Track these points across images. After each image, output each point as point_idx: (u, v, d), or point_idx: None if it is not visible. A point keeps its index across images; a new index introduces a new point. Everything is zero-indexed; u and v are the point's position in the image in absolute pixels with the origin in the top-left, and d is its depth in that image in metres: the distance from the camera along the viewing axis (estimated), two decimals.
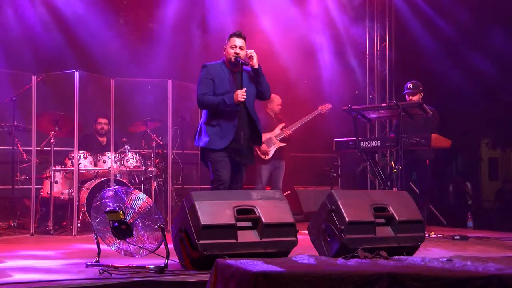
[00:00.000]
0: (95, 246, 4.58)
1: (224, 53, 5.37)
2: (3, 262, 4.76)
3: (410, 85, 7.40)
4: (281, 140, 7.73)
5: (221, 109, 5.18)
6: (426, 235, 5.92)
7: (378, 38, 10.09)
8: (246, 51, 5.28)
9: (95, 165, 7.51)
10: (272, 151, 7.66)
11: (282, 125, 7.81)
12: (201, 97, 5.23)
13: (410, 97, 7.37)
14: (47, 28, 9.28)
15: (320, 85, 10.16)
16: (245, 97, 5.14)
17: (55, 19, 9.30)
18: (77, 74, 7.01)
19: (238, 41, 5.29)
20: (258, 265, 3.47)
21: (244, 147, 5.18)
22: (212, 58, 5.50)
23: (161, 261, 4.34)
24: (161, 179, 7.89)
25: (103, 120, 8.14)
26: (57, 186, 7.40)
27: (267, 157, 7.61)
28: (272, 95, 7.81)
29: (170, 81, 7.50)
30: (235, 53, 5.26)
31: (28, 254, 5.30)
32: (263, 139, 7.63)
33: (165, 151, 7.93)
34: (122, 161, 7.59)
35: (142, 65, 9.41)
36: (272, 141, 7.68)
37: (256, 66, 5.26)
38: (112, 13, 9.60)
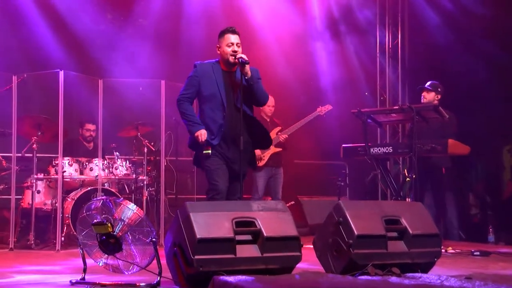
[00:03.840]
0: (80, 262, 4.58)
1: (218, 52, 5.35)
2: None
3: (428, 83, 7.42)
4: (276, 145, 7.72)
5: (187, 128, 5.30)
6: (443, 250, 5.90)
7: (390, 34, 10.08)
8: (240, 53, 5.23)
9: (81, 173, 7.51)
10: (266, 157, 7.66)
11: (278, 129, 7.81)
12: (180, 98, 5.32)
13: (424, 94, 7.38)
14: (30, 24, 9.30)
15: (325, 86, 10.16)
16: (201, 138, 5.16)
17: (39, 14, 9.32)
18: (61, 74, 7.02)
19: (234, 38, 5.28)
20: (258, 283, 3.46)
21: (243, 153, 5.17)
22: (210, 58, 5.48)
23: (153, 278, 4.33)
24: (153, 189, 7.89)
25: (92, 126, 8.15)
26: (39, 196, 7.40)
27: (260, 164, 7.58)
28: None
29: (163, 82, 7.51)
30: (233, 51, 5.24)
31: (6, 271, 5.28)
32: None
33: (157, 158, 7.93)
34: (110, 169, 7.59)
35: (133, 65, 9.43)
36: None
37: (249, 74, 5.20)
38: (99, 8, 9.63)
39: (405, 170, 7.38)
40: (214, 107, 5.23)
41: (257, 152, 7.54)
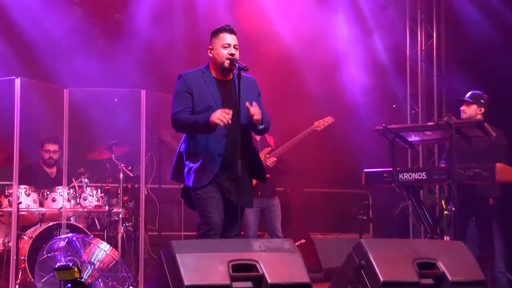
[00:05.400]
0: None
1: (210, 55, 5.34)
2: None
3: (469, 94, 7.42)
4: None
5: (201, 131, 5.18)
6: None
7: (423, 33, 10.14)
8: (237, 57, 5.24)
9: (41, 204, 7.50)
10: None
11: (267, 150, 7.74)
12: (174, 116, 5.23)
13: (464, 108, 7.38)
14: None
15: (344, 97, 10.19)
16: (225, 120, 4.98)
17: None
18: (18, 81, 7.03)
19: (231, 38, 5.27)
20: None
21: (241, 183, 5.16)
22: (201, 62, 5.49)
23: None
24: (130, 224, 7.87)
25: (52, 147, 8.16)
26: None
27: None
28: None
29: (143, 92, 7.53)
30: (230, 54, 5.24)
31: None
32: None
33: (136, 185, 7.92)
34: (77, 200, 7.58)
35: (107, 70, 9.46)
36: None
37: (262, 125, 5.21)
38: (67, 1, 9.69)
39: (443, 201, 7.36)
40: None
41: None
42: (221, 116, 4.99)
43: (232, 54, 5.22)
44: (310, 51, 9.87)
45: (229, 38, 5.26)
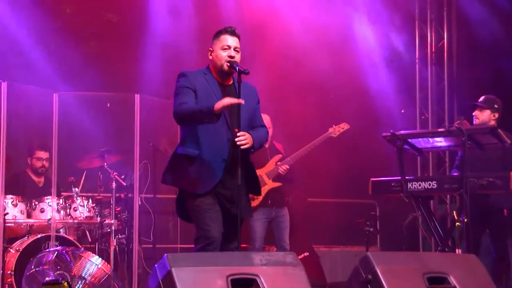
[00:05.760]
0: None
1: (210, 58, 5.35)
2: None
3: (482, 98, 7.43)
4: (275, 179, 7.69)
5: (201, 120, 5.08)
6: None
7: (433, 33, 10.15)
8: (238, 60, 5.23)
9: (29, 215, 7.49)
10: (261, 194, 7.63)
11: (278, 157, 7.76)
12: (178, 107, 5.17)
13: (476, 113, 7.39)
14: None
15: (349, 101, 10.17)
16: (231, 103, 4.99)
17: None
18: (4, 85, 7.04)
19: (232, 40, 5.27)
20: None
21: (241, 193, 5.16)
22: (201, 65, 5.49)
23: None
24: (123, 236, 7.86)
25: (45, 154, 8.14)
26: None
27: (253, 204, 7.51)
28: None
29: (137, 96, 7.53)
30: (230, 56, 5.25)
31: None
32: None
33: (129, 195, 7.92)
34: (67, 210, 7.57)
35: (98, 73, 9.46)
36: (262, 180, 7.60)
37: (252, 150, 5.25)
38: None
39: (454, 212, 7.36)
40: (214, 133, 5.21)
41: None
42: (228, 101, 4.99)
43: (232, 57, 5.22)
44: (313, 52, 9.89)
45: (229, 40, 5.26)
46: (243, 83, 5.22)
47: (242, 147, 5.10)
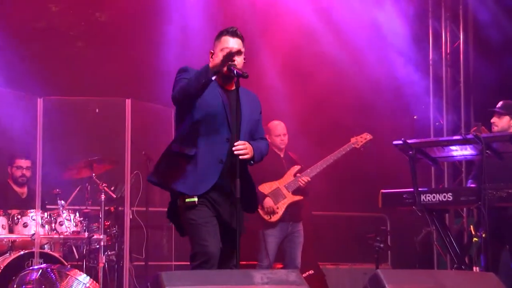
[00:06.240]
0: None
1: (210, 60, 5.35)
2: None
3: (500, 104, 7.44)
4: (294, 192, 7.72)
5: (199, 83, 5.00)
6: None
7: (448, 34, 10.16)
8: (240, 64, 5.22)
9: (11, 230, 7.46)
10: (281, 208, 7.65)
11: (297, 168, 7.78)
12: (177, 90, 5.15)
13: (494, 120, 7.40)
14: None
15: (357, 107, 10.19)
16: (232, 56, 4.99)
17: None
18: None
19: (233, 42, 5.26)
20: None
21: (238, 205, 5.15)
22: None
23: None
24: (113, 252, 7.86)
25: (25, 163, 8.15)
26: None
27: (273, 219, 7.59)
28: (270, 122, 7.88)
29: (128, 101, 7.54)
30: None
31: None
32: (268, 189, 7.65)
33: (120, 208, 7.92)
34: (53, 225, 7.56)
35: (86, 77, 9.47)
36: (281, 193, 7.66)
37: (252, 162, 5.26)
38: None
39: (472, 226, 7.37)
40: (213, 132, 5.19)
41: (269, 202, 7.54)
42: (227, 51, 5.01)
43: (232, 60, 5.20)
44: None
45: (230, 42, 5.24)
46: (245, 91, 5.26)
47: (241, 157, 5.09)
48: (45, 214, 7.59)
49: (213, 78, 5.02)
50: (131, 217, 7.80)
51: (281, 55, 9.71)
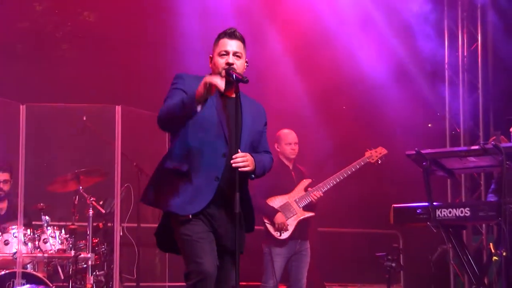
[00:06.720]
0: None
1: (210, 65, 5.33)
2: None
3: None
4: (305, 208, 7.70)
5: (183, 111, 4.92)
6: None
7: (465, 36, 10.16)
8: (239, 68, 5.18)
9: None
10: (292, 225, 7.63)
11: (307, 182, 7.78)
12: (161, 109, 5.09)
13: None
14: None
15: (367, 115, 10.20)
16: (218, 84, 4.85)
17: None
18: None
19: (232, 44, 5.23)
20: None
21: (236, 222, 5.12)
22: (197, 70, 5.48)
23: None
24: (102, 273, 7.85)
25: (2, 176, 8.08)
26: None
27: (284, 236, 7.56)
28: (280, 130, 7.89)
29: (118, 108, 7.54)
30: (227, 63, 5.22)
31: None
32: (278, 203, 7.64)
33: (109, 224, 7.91)
34: (36, 242, 7.54)
35: (73, 82, 9.47)
36: (291, 208, 7.64)
37: (253, 176, 5.20)
38: None
39: (491, 244, 7.35)
40: (208, 146, 5.17)
41: (280, 218, 7.52)
42: (211, 80, 4.86)
43: (229, 64, 5.17)
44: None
45: (228, 44, 5.20)
46: (250, 100, 5.24)
47: (240, 169, 5.06)
48: (28, 230, 7.57)
49: (199, 109, 4.94)
50: (121, 234, 7.79)
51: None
